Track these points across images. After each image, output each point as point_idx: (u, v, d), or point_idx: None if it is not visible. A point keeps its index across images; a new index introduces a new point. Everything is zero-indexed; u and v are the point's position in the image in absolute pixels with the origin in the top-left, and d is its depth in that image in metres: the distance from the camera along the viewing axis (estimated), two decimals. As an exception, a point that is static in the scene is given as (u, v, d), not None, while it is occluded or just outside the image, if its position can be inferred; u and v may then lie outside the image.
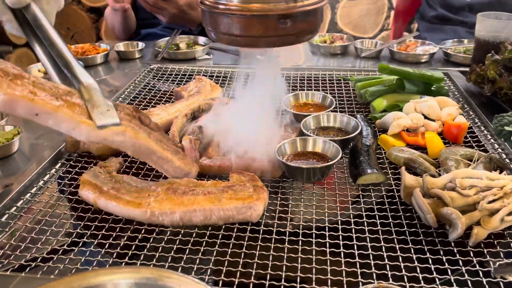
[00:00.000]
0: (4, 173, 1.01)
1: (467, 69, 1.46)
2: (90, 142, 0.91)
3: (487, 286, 0.72)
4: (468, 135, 1.17)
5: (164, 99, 1.43)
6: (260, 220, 0.88)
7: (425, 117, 1.22)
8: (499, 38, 1.44)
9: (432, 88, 1.37)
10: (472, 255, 0.79)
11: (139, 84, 1.54)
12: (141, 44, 1.83)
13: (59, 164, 1.07)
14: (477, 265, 0.76)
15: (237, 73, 1.60)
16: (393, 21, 3.09)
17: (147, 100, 1.42)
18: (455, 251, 0.79)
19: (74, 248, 0.82)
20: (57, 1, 0.92)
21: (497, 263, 0.74)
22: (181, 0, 1.89)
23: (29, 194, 0.95)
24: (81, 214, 0.90)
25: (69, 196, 0.95)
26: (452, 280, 0.73)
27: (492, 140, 1.14)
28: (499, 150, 1.10)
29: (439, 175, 1.00)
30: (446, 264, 0.77)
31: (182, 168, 0.94)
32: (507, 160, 1.06)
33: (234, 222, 0.87)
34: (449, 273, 0.75)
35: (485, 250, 0.80)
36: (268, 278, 0.74)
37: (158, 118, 1.21)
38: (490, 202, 0.81)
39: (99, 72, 1.67)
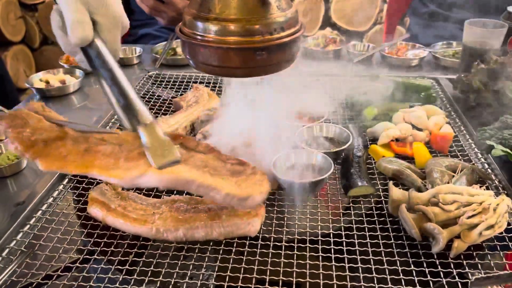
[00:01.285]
0: (15, 190, 1.07)
1: (455, 75, 1.51)
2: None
3: (464, 297, 0.80)
4: (453, 144, 1.24)
5: (164, 108, 1.48)
6: (258, 234, 0.94)
7: (414, 126, 1.28)
8: (486, 45, 1.49)
9: (421, 95, 1.43)
10: (452, 266, 0.86)
11: (139, 92, 1.59)
12: (138, 50, 1.87)
13: (66, 180, 1.12)
14: (456, 277, 0.83)
15: (233, 81, 1.65)
16: (386, 16, 3.13)
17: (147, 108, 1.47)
18: (437, 263, 0.86)
19: (86, 265, 0.88)
20: (116, 25, 0.87)
21: (474, 277, 0.81)
22: (180, 3, 1.92)
23: (40, 211, 1.01)
24: (91, 230, 0.96)
25: (78, 213, 1.01)
26: (434, 292, 0.81)
27: (476, 150, 1.20)
28: (482, 160, 1.16)
29: (425, 186, 1.06)
30: (429, 276, 0.84)
31: (234, 195, 0.81)
32: (489, 171, 1.12)
33: (233, 237, 0.93)
34: (431, 285, 0.82)
35: (465, 262, 0.87)
36: (266, 292, 0.81)
37: (159, 131, 1.26)
38: (469, 217, 0.88)
39: (99, 79, 1.71)
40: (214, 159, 0.87)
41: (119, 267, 0.87)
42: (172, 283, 0.83)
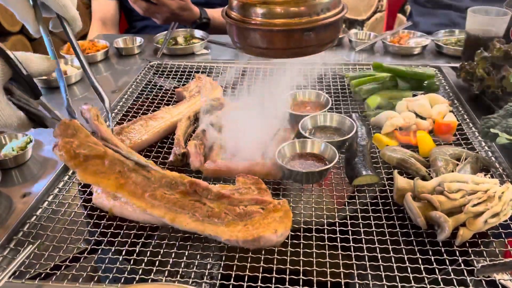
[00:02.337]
0: (20, 181, 1.07)
1: (458, 63, 1.51)
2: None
3: (470, 284, 0.80)
4: (457, 132, 1.24)
5: (166, 98, 1.48)
6: (264, 224, 0.94)
7: (417, 115, 1.28)
8: (489, 33, 1.49)
9: (424, 84, 1.43)
10: (458, 254, 0.86)
11: (140, 83, 1.58)
12: (139, 40, 1.86)
13: (72, 171, 1.12)
14: (462, 264, 0.84)
15: (234, 70, 1.64)
16: (387, 3, 3.11)
17: (150, 100, 1.46)
18: (443, 250, 0.87)
19: (94, 255, 0.89)
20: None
21: (480, 265, 0.82)
22: (173, 4, 1.92)
23: (46, 202, 1.01)
24: (97, 221, 0.96)
25: (84, 203, 1.02)
26: (440, 279, 0.81)
27: (479, 138, 1.21)
28: (486, 148, 1.17)
29: (429, 174, 1.07)
30: (435, 263, 0.84)
31: (236, 240, 0.85)
32: (493, 159, 1.13)
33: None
34: (437, 272, 0.83)
35: (470, 250, 0.87)
36: (273, 281, 0.81)
37: (163, 121, 1.26)
38: (474, 205, 0.89)
39: (100, 70, 1.71)
40: (223, 205, 0.91)
41: (126, 257, 0.88)
42: (180, 272, 0.84)
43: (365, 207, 1.00)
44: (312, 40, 0.95)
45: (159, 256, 0.87)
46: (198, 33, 1.94)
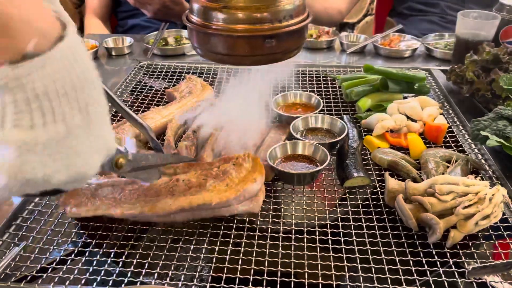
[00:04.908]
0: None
1: (448, 66, 1.52)
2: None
3: (461, 286, 0.80)
4: (447, 135, 1.24)
5: (156, 99, 1.46)
6: (255, 226, 0.94)
7: (408, 118, 1.28)
8: (479, 37, 1.50)
9: (415, 87, 1.44)
10: (448, 256, 0.86)
11: (130, 83, 1.56)
12: (129, 40, 1.85)
13: (59, 171, 1.10)
14: (453, 266, 0.84)
15: (225, 70, 1.63)
16: (376, 7, 3.13)
17: (139, 100, 1.45)
18: (434, 253, 0.87)
19: (81, 257, 0.87)
20: None
21: (471, 267, 0.82)
22: None
23: (32, 203, 0.99)
24: (85, 223, 0.95)
25: (71, 205, 1.00)
26: (431, 281, 0.81)
27: (469, 140, 1.21)
28: (476, 150, 1.17)
29: (420, 176, 1.07)
30: (426, 265, 0.84)
31: (226, 200, 0.86)
32: (483, 161, 1.13)
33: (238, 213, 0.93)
34: (428, 274, 0.83)
35: (461, 252, 0.87)
36: (264, 283, 0.80)
37: (153, 121, 1.25)
38: (465, 207, 0.89)
39: (89, 70, 1.68)
40: (197, 173, 0.91)
41: (115, 259, 0.86)
42: (170, 274, 0.83)
43: (356, 209, 0.99)
44: (274, 48, 0.92)
45: (149, 258, 0.86)
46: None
